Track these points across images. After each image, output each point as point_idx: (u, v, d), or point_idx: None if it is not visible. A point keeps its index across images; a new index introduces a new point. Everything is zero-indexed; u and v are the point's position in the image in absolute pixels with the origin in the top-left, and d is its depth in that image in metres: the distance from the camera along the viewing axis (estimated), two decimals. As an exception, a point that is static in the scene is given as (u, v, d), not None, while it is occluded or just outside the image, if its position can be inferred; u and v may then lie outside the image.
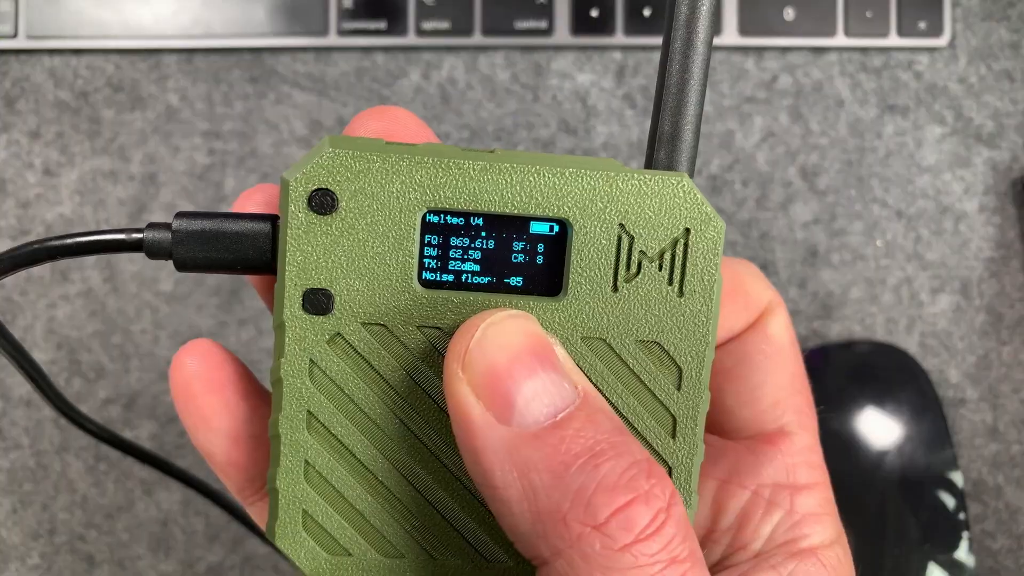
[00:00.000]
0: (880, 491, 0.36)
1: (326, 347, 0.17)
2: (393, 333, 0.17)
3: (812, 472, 0.20)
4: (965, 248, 0.39)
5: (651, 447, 0.18)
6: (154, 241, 0.17)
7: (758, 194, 0.39)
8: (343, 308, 0.17)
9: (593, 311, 0.17)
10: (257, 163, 0.39)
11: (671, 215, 0.17)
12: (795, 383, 0.20)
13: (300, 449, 0.17)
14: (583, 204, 0.17)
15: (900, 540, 0.35)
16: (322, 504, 0.17)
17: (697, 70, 0.17)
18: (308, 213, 0.16)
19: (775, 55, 0.39)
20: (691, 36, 0.17)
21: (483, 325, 0.16)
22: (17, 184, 0.39)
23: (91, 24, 0.38)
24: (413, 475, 0.17)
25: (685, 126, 0.17)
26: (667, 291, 0.17)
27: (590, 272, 0.17)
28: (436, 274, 0.17)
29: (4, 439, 0.39)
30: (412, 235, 0.17)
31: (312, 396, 0.17)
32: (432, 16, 0.38)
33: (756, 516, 0.19)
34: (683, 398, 0.17)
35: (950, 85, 0.39)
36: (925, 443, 0.36)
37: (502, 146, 0.39)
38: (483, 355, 0.15)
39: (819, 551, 0.19)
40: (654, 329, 0.17)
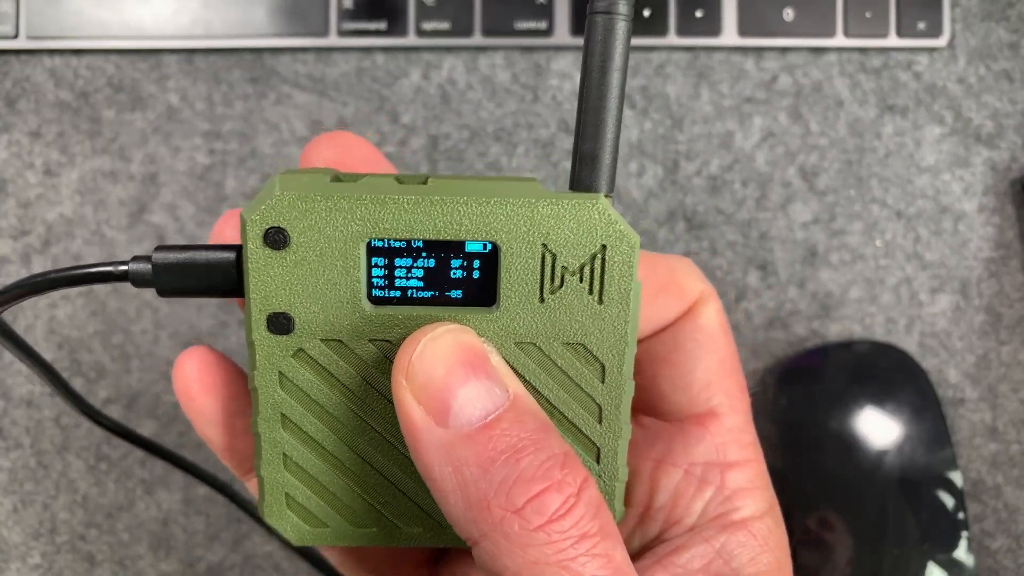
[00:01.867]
0: (879, 491, 0.36)
1: (291, 360, 0.20)
2: (348, 346, 0.19)
3: (743, 450, 0.21)
4: (964, 248, 0.39)
5: (581, 432, 0.20)
6: (137, 273, 0.20)
7: (758, 194, 0.39)
8: (303, 327, 0.19)
9: (524, 319, 0.19)
10: (257, 163, 0.39)
11: (588, 233, 0.19)
12: (725, 367, 0.22)
13: (277, 444, 0.20)
14: (509, 228, 0.19)
15: (899, 539, 0.35)
16: (300, 487, 0.20)
17: (613, 95, 0.18)
18: (265, 248, 0.19)
19: (774, 55, 0.39)
20: (606, 62, 0.18)
21: (424, 339, 0.18)
22: (18, 184, 0.39)
23: (91, 24, 0.38)
24: (374, 460, 0.20)
25: (603, 148, 0.19)
26: (588, 300, 0.19)
27: (519, 286, 0.19)
28: (384, 291, 0.19)
29: (5, 439, 0.39)
30: (358, 262, 0.19)
31: (284, 401, 0.20)
32: (432, 17, 0.38)
33: (688, 493, 0.21)
34: (607, 389, 0.20)
35: (949, 85, 0.39)
36: (924, 443, 0.36)
37: (502, 146, 0.39)
38: (423, 367, 0.18)
39: (750, 523, 0.21)
40: (578, 333, 0.19)
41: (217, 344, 0.38)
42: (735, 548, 0.20)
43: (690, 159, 0.39)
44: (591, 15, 0.18)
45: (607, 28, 0.18)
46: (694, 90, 0.39)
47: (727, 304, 0.39)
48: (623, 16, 0.18)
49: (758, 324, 0.39)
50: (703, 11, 0.38)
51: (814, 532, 0.36)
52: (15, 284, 0.20)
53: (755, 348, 0.39)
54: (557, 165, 0.39)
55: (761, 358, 0.39)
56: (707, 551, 0.20)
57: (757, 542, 0.21)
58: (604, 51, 0.18)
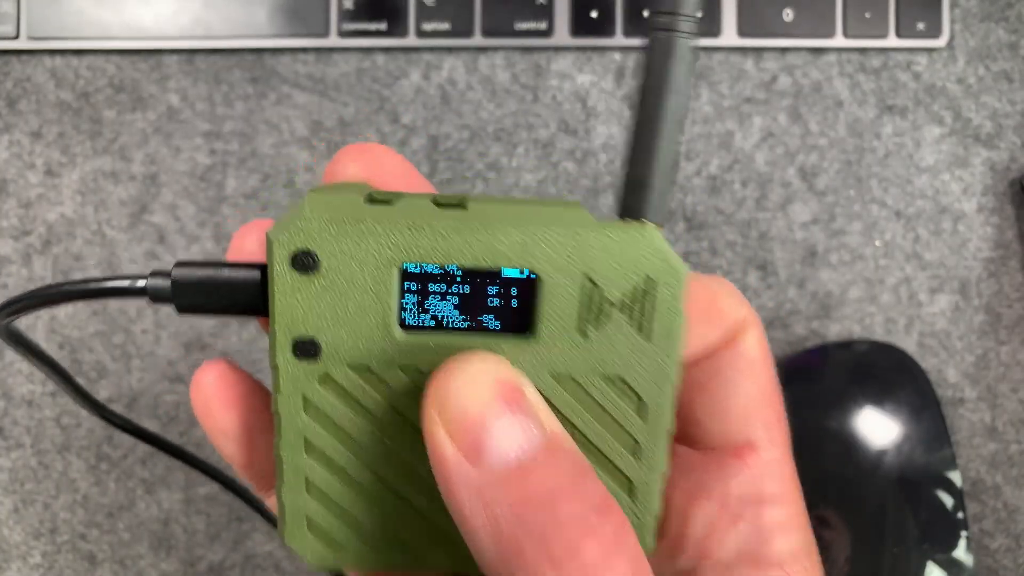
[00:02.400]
0: (879, 490, 0.36)
1: (317, 386, 0.19)
2: (376, 374, 0.18)
3: (780, 485, 0.20)
4: (964, 248, 0.39)
5: (614, 466, 0.19)
6: (156, 289, 0.19)
7: (757, 194, 0.39)
8: (330, 354, 0.18)
9: (562, 351, 0.18)
10: (258, 163, 0.39)
11: (635, 266, 0.18)
12: (765, 398, 0.20)
13: (300, 469, 0.19)
14: (551, 258, 0.18)
15: (899, 539, 0.35)
16: (322, 511, 0.19)
17: (668, 119, 0.17)
18: (292, 272, 0.18)
19: (774, 56, 0.39)
20: (662, 84, 0.17)
21: (457, 370, 0.17)
22: (19, 184, 0.39)
23: (92, 25, 0.38)
24: (399, 487, 0.19)
25: (653, 175, 0.18)
26: (631, 334, 0.18)
27: (559, 318, 0.18)
28: (416, 317, 0.18)
29: (6, 438, 0.39)
30: (390, 288, 0.18)
31: (307, 426, 0.19)
32: (432, 17, 0.38)
33: (722, 527, 0.20)
34: (647, 427, 0.19)
35: (949, 86, 0.39)
36: (924, 442, 0.36)
37: (502, 147, 0.39)
38: (456, 400, 0.17)
39: (785, 563, 0.20)
40: (619, 367, 0.18)
41: (218, 344, 0.38)
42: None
43: (690, 159, 0.39)
44: (652, 31, 0.17)
45: (666, 45, 0.17)
46: (694, 90, 0.39)
47: (727, 304, 0.39)
48: (685, 33, 0.17)
49: (758, 324, 0.39)
50: (702, 12, 0.38)
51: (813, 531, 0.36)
52: (27, 295, 0.20)
53: (755, 348, 0.39)
54: (557, 166, 0.39)
55: (761, 358, 0.39)
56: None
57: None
58: (661, 71, 0.17)
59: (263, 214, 0.39)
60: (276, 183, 0.39)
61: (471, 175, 0.39)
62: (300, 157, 0.39)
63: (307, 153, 0.39)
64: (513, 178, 0.39)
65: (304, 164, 0.39)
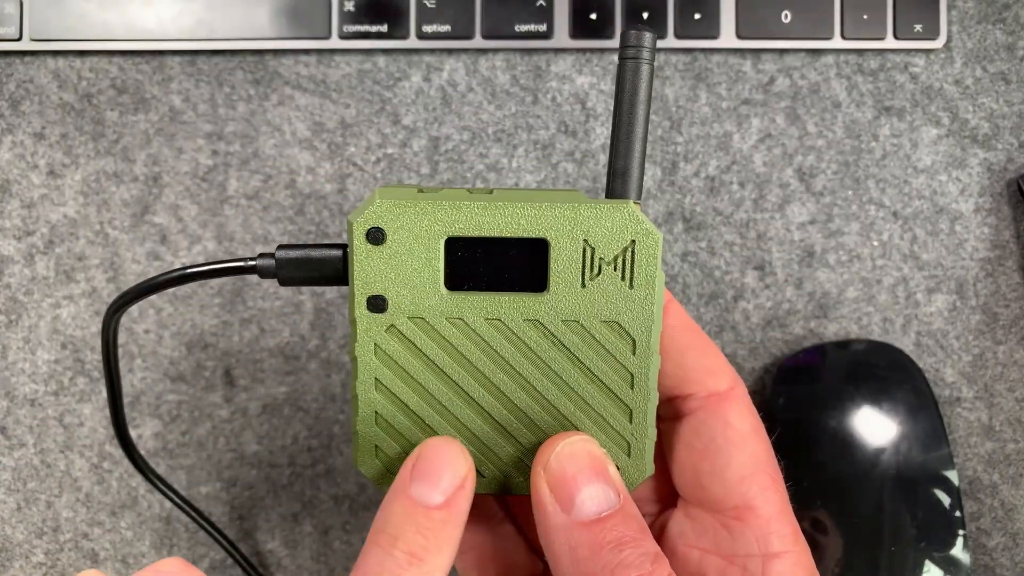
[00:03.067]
0: (876, 489, 0.36)
1: (384, 334, 0.24)
2: (429, 323, 0.24)
3: (782, 541, 0.24)
4: (961, 248, 0.39)
5: (617, 396, 0.24)
6: (264, 267, 0.24)
7: (755, 195, 0.39)
8: (395, 307, 0.23)
9: (569, 301, 0.23)
10: (260, 164, 0.39)
11: (621, 231, 0.23)
12: (758, 463, 0.24)
13: (371, 404, 0.24)
14: (557, 227, 0.23)
15: (896, 538, 0.35)
16: (388, 440, 0.24)
17: (639, 122, 0.23)
18: (366, 244, 0.23)
19: (772, 57, 0.39)
20: (634, 97, 0.23)
21: (562, 443, 0.23)
22: (22, 185, 0.39)
23: (95, 26, 0.39)
24: (452, 416, 0.24)
25: (632, 164, 0.23)
26: (621, 285, 0.23)
27: (565, 274, 0.23)
28: (459, 279, 0.23)
29: (8, 438, 0.39)
30: (439, 255, 0.23)
31: (377, 367, 0.24)
32: (433, 19, 0.38)
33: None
34: (638, 360, 0.24)
35: (946, 87, 0.39)
36: (921, 442, 0.36)
37: (502, 148, 0.39)
38: (559, 463, 0.22)
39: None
40: (614, 312, 0.23)
41: (220, 344, 0.39)
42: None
43: (688, 160, 0.39)
44: (622, 59, 0.23)
45: (635, 69, 0.23)
46: (692, 92, 0.39)
47: (725, 304, 0.39)
48: (647, 61, 0.23)
49: (755, 324, 0.39)
50: (701, 13, 0.39)
51: (811, 531, 0.36)
52: (150, 280, 0.25)
53: (752, 348, 0.39)
54: (557, 166, 0.39)
55: (759, 357, 0.39)
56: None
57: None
58: (633, 88, 0.23)
59: (264, 215, 0.39)
60: (278, 184, 0.39)
61: (471, 176, 0.39)
62: (302, 158, 0.39)
63: (308, 154, 0.39)
64: (513, 179, 0.39)
65: (306, 165, 0.39)
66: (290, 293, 0.39)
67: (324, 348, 0.39)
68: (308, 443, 0.39)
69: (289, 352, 0.39)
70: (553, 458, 0.22)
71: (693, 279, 0.39)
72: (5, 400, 0.39)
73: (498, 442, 0.24)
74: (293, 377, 0.39)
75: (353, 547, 0.39)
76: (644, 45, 0.23)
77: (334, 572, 0.39)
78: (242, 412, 0.39)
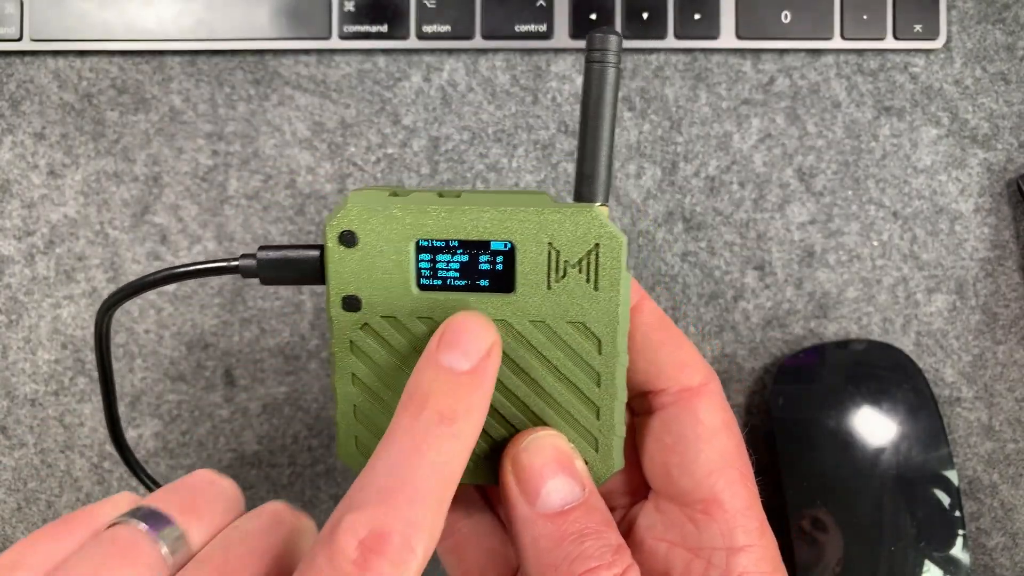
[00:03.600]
0: (876, 489, 0.36)
1: (359, 332, 0.24)
2: (401, 322, 0.24)
3: (748, 535, 0.24)
4: (960, 248, 0.39)
5: (583, 394, 0.24)
6: (246, 267, 0.25)
7: (755, 195, 0.39)
8: (368, 307, 0.24)
9: (535, 302, 0.24)
10: (260, 164, 0.39)
11: (585, 234, 0.23)
12: (726, 459, 0.25)
13: (349, 397, 0.25)
14: (522, 231, 0.23)
15: (896, 537, 0.36)
16: (365, 432, 0.25)
17: (605, 126, 0.23)
18: (340, 247, 0.24)
19: (772, 57, 0.39)
20: (599, 100, 0.23)
21: (529, 438, 0.23)
22: (22, 185, 0.39)
23: (95, 26, 0.39)
24: None
25: (598, 167, 0.23)
26: (586, 287, 0.24)
27: (531, 276, 0.24)
28: (429, 280, 0.24)
29: (9, 437, 0.39)
30: (409, 257, 0.24)
31: (353, 363, 0.25)
32: (433, 19, 0.38)
33: (697, 572, 0.24)
34: (604, 360, 0.24)
35: (946, 87, 0.39)
36: (921, 441, 0.36)
37: (502, 148, 0.39)
38: (526, 457, 0.23)
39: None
40: (579, 313, 0.24)
41: (220, 344, 0.39)
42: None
43: (688, 160, 0.39)
44: (588, 62, 0.23)
45: (600, 72, 0.23)
46: (692, 92, 0.39)
47: (725, 304, 0.39)
48: (612, 64, 0.23)
49: (755, 324, 0.39)
50: (701, 14, 0.39)
51: (811, 530, 0.36)
52: (137, 281, 0.26)
53: (752, 347, 0.39)
54: (557, 166, 0.39)
55: (759, 357, 0.39)
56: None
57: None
58: (598, 92, 0.23)
59: (265, 215, 0.39)
60: (278, 184, 0.39)
61: (471, 176, 0.39)
62: (302, 158, 0.39)
63: (309, 154, 0.39)
64: (513, 179, 0.39)
65: (306, 165, 0.39)
66: (291, 293, 0.39)
67: (324, 348, 0.39)
68: (308, 443, 0.39)
69: (289, 352, 0.39)
70: (520, 451, 0.23)
71: (693, 279, 0.39)
72: (5, 400, 0.39)
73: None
74: (293, 377, 0.39)
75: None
76: (609, 48, 0.23)
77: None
78: (242, 412, 0.39)
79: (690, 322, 0.39)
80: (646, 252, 0.39)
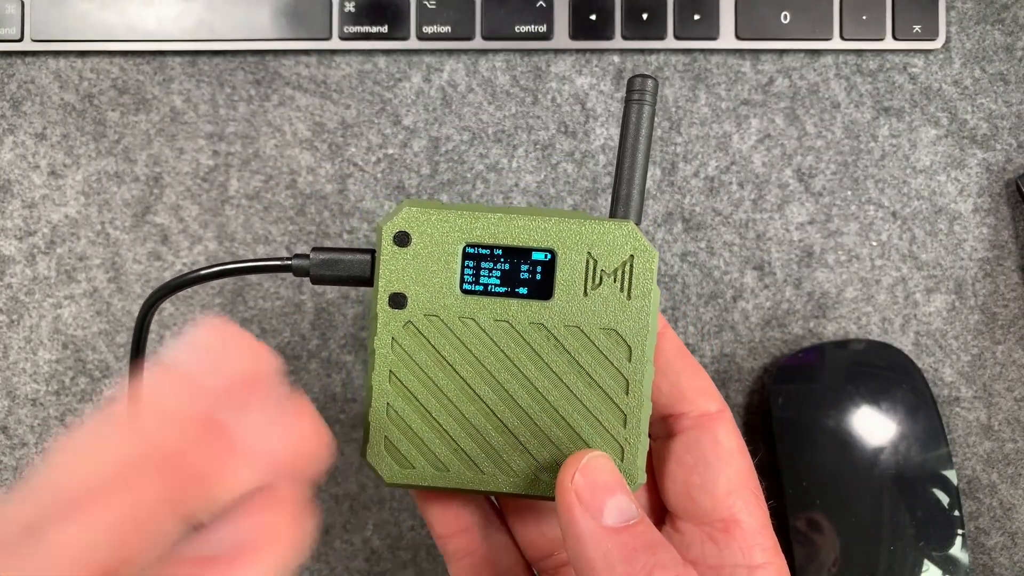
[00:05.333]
0: (875, 489, 0.36)
1: (402, 330, 0.26)
2: (444, 321, 0.26)
3: (765, 553, 0.25)
4: (959, 248, 0.39)
5: (612, 400, 0.25)
6: (299, 267, 0.27)
7: (754, 195, 0.39)
8: (413, 305, 0.26)
9: (572, 308, 0.25)
10: (261, 165, 0.39)
11: (622, 246, 0.25)
12: (743, 480, 0.26)
13: (384, 396, 0.26)
14: (564, 240, 0.25)
15: (895, 537, 0.36)
16: (396, 433, 0.26)
17: (641, 154, 0.26)
18: (393, 246, 0.26)
19: (771, 58, 0.39)
20: (638, 134, 0.26)
21: (587, 456, 0.24)
22: (23, 185, 0.39)
23: (96, 27, 0.39)
24: (460, 411, 0.26)
25: (634, 190, 0.26)
26: (620, 296, 0.25)
27: (569, 283, 0.25)
28: (472, 285, 0.26)
29: (10, 437, 0.39)
30: (456, 260, 0.26)
31: (393, 361, 0.26)
32: (433, 20, 0.39)
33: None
34: (633, 367, 0.25)
35: (945, 87, 0.39)
36: (920, 441, 0.37)
37: (502, 148, 0.39)
38: (587, 475, 0.24)
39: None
40: (612, 320, 0.25)
41: (220, 343, 0.39)
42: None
43: (688, 161, 0.39)
44: (627, 101, 0.26)
45: (639, 112, 0.26)
46: (692, 92, 0.39)
47: (725, 304, 0.39)
48: (649, 104, 0.26)
49: (755, 323, 0.39)
50: (700, 14, 0.39)
51: (810, 530, 0.36)
52: (189, 274, 0.27)
53: (752, 347, 0.39)
54: (556, 167, 0.39)
55: (758, 357, 0.39)
56: None
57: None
58: (636, 127, 0.26)
59: (265, 215, 0.39)
60: (279, 184, 0.39)
61: (471, 176, 0.39)
62: (302, 159, 0.39)
63: (309, 154, 0.39)
64: (513, 179, 0.39)
65: (306, 165, 0.39)
66: (291, 293, 0.39)
67: (324, 348, 0.39)
68: (309, 443, 0.39)
69: (290, 352, 0.39)
70: (581, 470, 0.24)
71: (692, 279, 0.39)
72: (7, 400, 0.39)
73: (498, 439, 0.26)
74: (294, 377, 0.39)
75: (354, 546, 0.39)
76: (647, 90, 0.26)
77: (335, 571, 0.39)
78: (243, 412, 0.39)
79: (690, 322, 0.39)
80: (646, 252, 0.39)
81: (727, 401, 0.39)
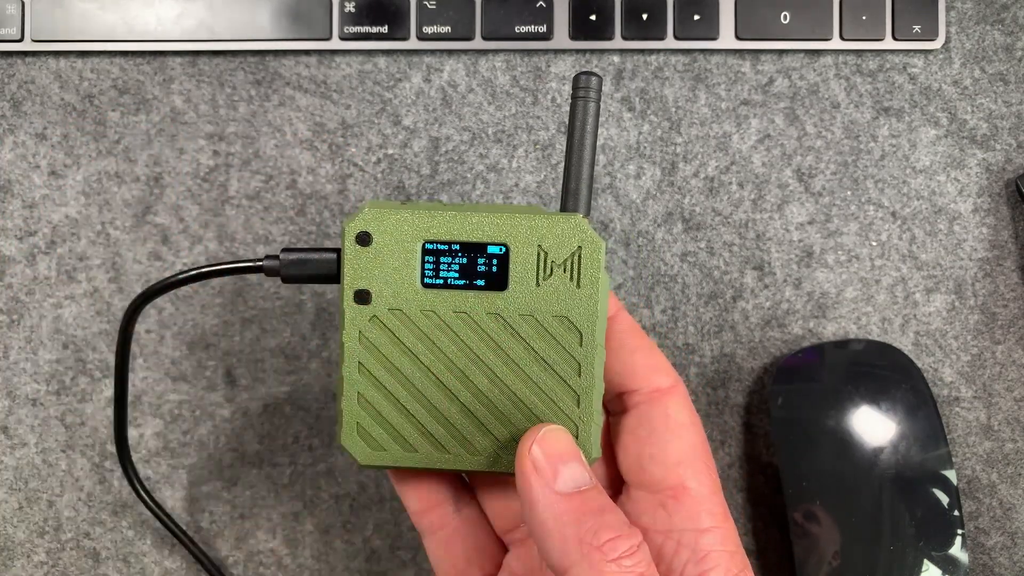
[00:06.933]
0: (875, 488, 0.36)
1: (368, 323, 0.27)
2: (407, 314, 0.27)
3: (712, 518, 0.27)
4: (959, 248, 0.39)
5: (565, 382, 0.27)
6: (270, 267, 0.28)
7: (754, 196, 0.39)
8: (377, 300, 0.27)
9: (525, 298, 0.27)
10: (261, 165, 0.39)
11: (570, 238, 0.27)
12: (695, 450, 0.28)
13: (354, 385, 0.28)
14: (517, 234, 0.27)
15: (895, 537, 0.36)
16: (367, 419, 0.28)
17: (587, 150, 0.27)
18: (355, 245, 0.27)
19: (771, 58, 0.39)
20: (583, 129, 0.27)
21: (544, 429, 0.26)
22: (23, 185, 0.39)
23: (96, 27, 0.39)
24: (424, 397, 0.27)
25: (581, 185, 0.27)
26: (570, 285, 0.27)
27: (522, 275, 0.27)
28: (432, 278, 0.27)
29: (10, 437, 0.39)
30: (416, 256, 0.27)
31: (361, 352, 0.27)
32: (433, 20, 0.39)
33: (669, 555, 0.26)
34: (584, 351, 0.27)
35: (944, 87, 0.40)
36: (920, 441, 0.37)
37: (502, 148, 0.39)
38: (543, 445, 0.25)
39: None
40: (563, 308, 0.27)
41: (221, 344, 0.39)
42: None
43: (687, 161, 0.39)
44: (573, 98, 0.27)
45: (584, 107, 0.27)
46: (691, 93, 0.39)
47: (724, 304, 0.39)
48: (593, 100, 0.27)
49: (754, 323, 0.39)
50: (700, 14, 0.39)
51: (809, 530, 0.36)
52: (169, 279, 0.29)
53: (752, 347, 0.39)
54: (556, 167, 0.39)
55: (757, 357, 0.39)
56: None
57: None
58: (582, 122, 0.27)
59: (266, 215, 0.39)
60: (279, 184, 0.39)
61: (471, 176, 0.39)
62: (302, 159, 0.39)
63: (309, 155, 0.39)
64: (513, 179, 0.39)
65: (306, 166, 0.39)
66: (291, 293, 0.39)
67: (325, 347, 0.39)
68: (309, 442, 0.39)
69: (290, 352, 0.39)
70: (538, 441, 0.26)
71: (692, 279, 0.39)
72: (7, 400, 0.39)
73: (462, 422, 0.27)
74: (294, 376, 0.39)
75: (354, 546, 0.39)
76: (591, 87, 0.27)
77: (335, 571, 0.39)
78: (243, 412, 0.39)
79: (689, 322, 0.39)
80: (646, 252, 0.39)
81: (727, 401, 0.39)
